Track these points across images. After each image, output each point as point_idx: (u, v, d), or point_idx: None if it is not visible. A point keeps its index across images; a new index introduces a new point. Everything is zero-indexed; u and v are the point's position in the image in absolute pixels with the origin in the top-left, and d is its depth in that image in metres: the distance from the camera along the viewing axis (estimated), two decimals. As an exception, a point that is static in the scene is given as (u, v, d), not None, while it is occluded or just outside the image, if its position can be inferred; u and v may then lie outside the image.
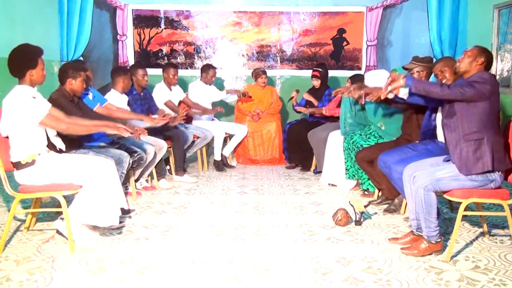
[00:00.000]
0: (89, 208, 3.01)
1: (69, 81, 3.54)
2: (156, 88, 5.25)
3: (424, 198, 2.79)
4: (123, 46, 6.75)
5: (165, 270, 2.69)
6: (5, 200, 4.14)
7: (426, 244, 2.86)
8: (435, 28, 6.29)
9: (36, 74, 2.98)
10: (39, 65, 2.98)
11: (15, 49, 2.98)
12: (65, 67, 3.61)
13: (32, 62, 2.95)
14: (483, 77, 2.74)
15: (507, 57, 5.40)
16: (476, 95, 2.71)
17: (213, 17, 6.78)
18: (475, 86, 2.71)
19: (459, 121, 2.78)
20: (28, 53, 2.97)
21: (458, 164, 2.77)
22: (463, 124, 2.77)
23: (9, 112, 2.89)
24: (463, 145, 2.77)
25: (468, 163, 2.76)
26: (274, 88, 6.25)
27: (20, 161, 2.96)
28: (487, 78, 2.75)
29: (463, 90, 2.71)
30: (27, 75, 2.95)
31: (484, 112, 2.74)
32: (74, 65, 3.65)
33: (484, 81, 2.72)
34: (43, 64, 3.03)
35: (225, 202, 4.13)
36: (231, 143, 5.73)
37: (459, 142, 2.78)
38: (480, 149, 2.74)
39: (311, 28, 6.79)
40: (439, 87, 2.76)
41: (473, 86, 2.71)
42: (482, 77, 2.74)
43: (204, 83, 5.69)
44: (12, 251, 2.97)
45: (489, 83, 2.72)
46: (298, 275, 2.62)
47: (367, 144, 4.16)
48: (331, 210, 3.81)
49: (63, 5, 6.25)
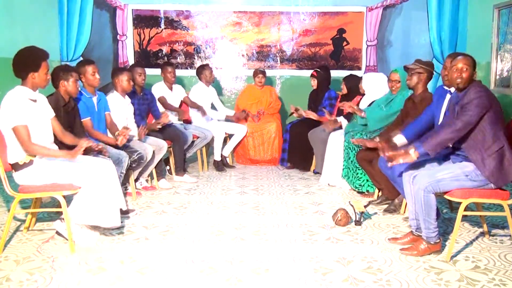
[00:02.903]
0: (88, 208, 3.01)
1: (61, 84, 3.47)
2: (155, 86, 5.25)
3: (424, 199, 2.78)
4: (123, 46, 6.75)
5: (165, 270, 2.69)
6: (5, 200, 4.14)
7: (425, 244, 2.86)
8: (435, 28, 6.30)
9: (38, 77, 2.96)
10: (42, 69, 2.97)
11: (21, 50, 2.99)
12: (55, 70, 3.50)
13: (34, 65, 2.95)
14: (474, 91, 2.72)
15: (507, 57, 5.40)
16: (480, 111, 2.69)
17: (213, 17, 6.77)
18: (473, 103, 2.68)
19: (475, 139, 2.76)
20: (32, 56, 2.97)
21: (493, 179, 2.76)
22: (480, 141, 2.75)
23: (3, 112, 2.89)
24: (490, 160, 2.74)
25: (501, 174, 2.75)
26: (273, 88, 6.25)
27: (18, 162, 2.96)
28: (478, 89, 2.72)
29: (468, 116, 2.68)
30: (28, 77, 2.95)
31: (492, 121, 2.73)
32: (65, 67, 3.57)
33: (479, 95, 2.69)
34: (47, 68, 3.01)
35: (225, 202, 4.13)
36: (230, 143, 5.73)
37: (484, 158, 2.75)
38: (505, 156, 2.75)
39: (311, 28, 6.78)
40: (450, 133, 2.70)
41: (475, 105, 2.68)
42: (474, 92, 2.72)
43: (206, 84, 5.70)
44: (12, 251, 2.97)
45: (483, 93, 2.71)
46: (298, 275, 2.62)
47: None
48: (331, 210, 3.81)
49: (63, 5, 6.26)
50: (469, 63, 2.80)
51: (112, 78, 4.35)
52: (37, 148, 2.93)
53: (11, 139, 2.94)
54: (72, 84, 3.49)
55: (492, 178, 2.76)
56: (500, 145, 2.74)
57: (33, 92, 2.99)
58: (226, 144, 5.72)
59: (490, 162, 2.74)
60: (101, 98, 4.00)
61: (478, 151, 2.76)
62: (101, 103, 3.99)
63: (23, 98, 2.91)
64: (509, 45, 5.35)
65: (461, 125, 2.70)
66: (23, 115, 2.88)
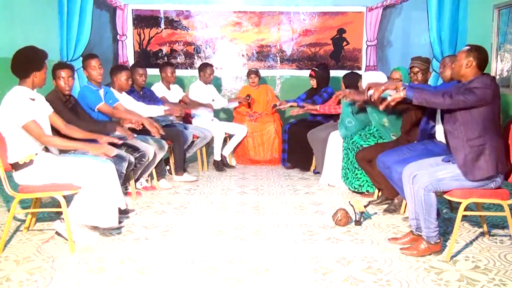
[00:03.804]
0: (88, 209, 3.01)
1: (53, 82, 3.55)
2: (154, 87, 5.26)
3: (424, 198, 2.78)
4: (123, 46, 6.75)
5: (165, 270, 2.69)
6: (5, 200, 4.14)
7: (425, 244, 2.86)
8: (435, 28, 6.29)
9: (39, 77, 3.01)
10: (43, 69, 3.03)
11: (23, 49, 3.01)
12: (52, 69, 3.56)
13: (38, 64, 2.99)
14: (484, 82, 2.69)
15: (507, 57, 5.40)
16: (478, 102, 2.67)
17: (213, 17, 6.77)
18: (476, 92, 2.66)
19: (462, 127, 2.75)
20: (35, 55, 3.00)
21: (463, 169, 2.76)
22: (465, 130, 2.75)
23: (5, 112, 2.90)
24: (467, 151, 2.74)
25: (473, 169, 2.75)
26: (269, 86, 6.25)
27: (18, 161, 2.96)
28: (488, 83, 2.69)
29: (465, 98, 2.66)
30: (31, 76, 2.97)
31: (486, 117, 2.71)
32: (57, 65, 3.60)
33: (485, 87, 2.67)
34: (46, 68, 3.07)
35: (225, 202, 4.13)
36: (230, 143, 5.73)
37: (463, 147, 2.76)
38: (483, 154, 2.73)
39: (311, 28, 6.78)
40: (440, 97, 2.69)
41: (474, 92, 2.66)
42: (484, 82, 2.69)
43: (204, 82, 5.69)
44: (12, 251, 2.97)
45: (491, 88, 2.68)
46: (298, 275, 2.62)
47: (367, 144, 4.16)
48: (331, 210, 3.81)
49: (63, 5, 6.25)
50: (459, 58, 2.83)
51: (110, 75, 4.39)
52: (54, 139, 3.02)
53: (11, 138, 2.94)
54: (63, 81, 3.52)
55: (463, 168, 2.75)
56: (483, 142, 2.72)
57: (32, 91, 3.00)
58: (226, 144, 5.72)
59: (467, 154, 2.73)
60: (107, 91, 4.09)
61: (461, 139, 2.76)
62: (108, 95, 4.07)
63: (24, 97, 2.93)
64: (509, 45, 5.35)
65: (453, 100, 2.67)
66: (29, 112, 2.91)
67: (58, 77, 3.53)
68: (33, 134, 2.93)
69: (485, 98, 2.68)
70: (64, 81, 3.53)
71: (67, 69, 3.56)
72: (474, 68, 2.78)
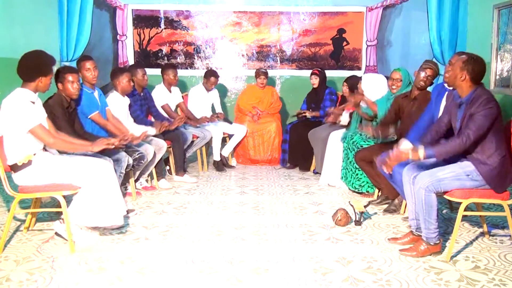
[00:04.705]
0: (88, 209, 3.01)
1: (59, 85, 3.49)
2: (155, 90, 5.25)
3: (425, 199, 2.78)
4: (123, 46, 6.75)
5: (165, 270, 2.69)
6: (5, 200, 4.14)
7: (425, 246, 2.86)
8: (435, 28, 6.30)
9: (44, 82, 2.99)
10: (50, 75, 3.02)
11: (32, 53, 3.01)
12: (57, 72, 3.50)
13: (46, 71, 2.98)
14: (485, 100, 2.69)
15: (507, 57, 5.40)
16: (489, 123, 2.69)
17: (213, 17, 6.77)
18: (485, 115, 2.67)
19: (480, 147, 2.77)
20: (44, 61, 3.00)
21: (493, 185, 2.79)
22: (484, 149, 2.76)
23: (6, 114, 2.89)
24: (492, 167, 2.76)
25: (502, 181, 2.79)
26: (274, 88, 6.25)
27: (17, 162, 2.95)
28: (489, 98, 2.70)
29: (479, 127, 2.67)
30: (36, 81, 2.96)
31: (495, 130, 2.74)
32: (63, 69, 3.56)
33: (491, 106, 2.68)
34: (52, 75, 3.07)
35: (225, 202, 4.13)
36: (230, 143, 5.72)
37: (485, 165, 2.77)
38: (506, 164, 2.78)
39: (311, 28, 6.78)
40: (457, 144, 2.69)
41: (484, 115, 2.67)
42: (485, 101, 2.68)
43: (205, 89, 5.70)
44: (12, 251, 2.97)
45: (494, 105, 2.70)
46: (298, 275, 2.62)
47: (367, 144, 4.16)
48: (331, 210, 3.81)
49: (63, 5, 6.25)
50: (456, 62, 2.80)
51: (111, 79, 4.35)
52: (60, 141, 3.05)
53: (9, 140, 2.94)
54: (71, 85, 3.48)
55: (493, 184, 2.78)
56: (502, 154, 2.76)
57: (33, 95, 2.99)
58: (226, 144, 5.72)
59: (493, 170, 2.76)
60: (101, 93, 4.04)
61: (482, 158, 2.77)
62: (102, 97, 4.03)
63: (26, 101, 2.91)
64: (509, 45, 5.36)
65: (472, 136, 2.68)
66: (35, 116, 2.91)
67: (66, 81, 3.46)
68: (40, 138, 2.93)
69: (493, 115, 2.69)
70: (72, 85, 3.47)
71: (75, 73, 3.53)
72: (468, 82, 2.77)
